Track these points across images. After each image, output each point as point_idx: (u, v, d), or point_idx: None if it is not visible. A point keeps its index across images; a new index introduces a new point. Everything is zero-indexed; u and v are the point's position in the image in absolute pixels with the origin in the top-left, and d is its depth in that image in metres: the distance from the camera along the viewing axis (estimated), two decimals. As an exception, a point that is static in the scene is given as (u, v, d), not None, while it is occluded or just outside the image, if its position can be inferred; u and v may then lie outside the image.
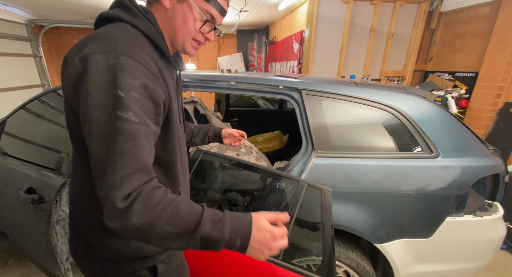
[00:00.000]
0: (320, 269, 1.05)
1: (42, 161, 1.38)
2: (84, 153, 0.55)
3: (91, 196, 0.61)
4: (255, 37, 5.75)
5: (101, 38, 0.54)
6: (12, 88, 3.95)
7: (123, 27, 0.58)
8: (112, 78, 0.49)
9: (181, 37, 0.67)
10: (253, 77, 1.38)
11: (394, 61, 3.55)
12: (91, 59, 0.50)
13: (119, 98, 0.49)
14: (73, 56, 0.54)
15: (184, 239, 0.49)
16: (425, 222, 1.23)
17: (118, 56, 0.51)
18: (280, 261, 1.04)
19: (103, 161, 0.48)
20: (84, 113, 0.50)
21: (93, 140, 0.49)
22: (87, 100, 0.49)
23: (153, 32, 0.62)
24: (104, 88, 0.49)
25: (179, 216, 0.49)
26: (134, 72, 0.52)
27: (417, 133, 1.23)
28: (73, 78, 0.52)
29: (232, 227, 0.51)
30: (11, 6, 3.80)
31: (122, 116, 0.49)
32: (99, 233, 0.65)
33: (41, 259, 1.40)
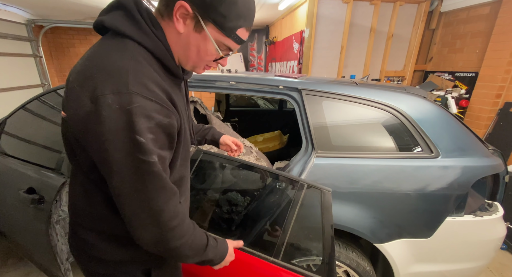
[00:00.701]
0: (320, 269, 1.05)
1: (42, 161, 1.38)
2: (89, 164, 0.57)
3: (96, 204, 0.64)
4: (255, 37, 5.75)
5: (107, 72, 0.50)
6: (12, 88, 3.95)
7: (129, 50, 0.53)
8: (127, 122, 0.48)
9: (193, 63, 0.64)
10: (253, 77, 1.38)
11: (394, 61, 3.56)
12: (103, 101, 0.48)
13: (138, 143, 0.49)
14: (78, 90, 0.51)
15: (191, 259, 0.65)
16: (425, 222, 1.23)
17: (131, 98, 0.48)
18: (280, 261, 1.04)
19: (134, 199, 0.53)
20: (100, 155, 0.51)
21: (115, 178, 0.51)
22: (104, 144, 0.49)
23: (162, 52, 0.58)
24: (120, 133, 0.49)
25: (195, 245, 0.64)
26: (149, 113, 0.50)
27: (417, 133, 1.23)
28: (83, 117, 0.50)
29: (221, 254, 0.73)
30: (11, 6, 3.79)
31: (146, 160, 0.51)
32: (99, 238, 0.67)
33: (41, 259, 1.40)
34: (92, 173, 0.59)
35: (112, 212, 0.63)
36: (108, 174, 0.52)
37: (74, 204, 0.69)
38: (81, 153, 0.58)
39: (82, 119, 0.51)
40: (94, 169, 0.56)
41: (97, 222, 0.66)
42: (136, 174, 0.51)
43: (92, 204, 0.64)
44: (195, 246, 0.64)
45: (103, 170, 0.53)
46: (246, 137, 1.69)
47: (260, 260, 1.05)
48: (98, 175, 0.57)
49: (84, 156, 0.57)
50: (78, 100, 0.50)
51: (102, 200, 0.63)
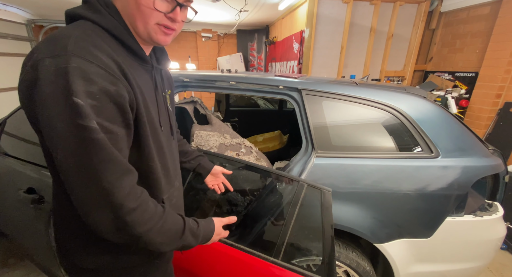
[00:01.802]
0: (320, 269, 1.05)
1: (42, 161, 1.38)
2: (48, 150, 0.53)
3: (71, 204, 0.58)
4: (255, 37, 5.75)
5: (52, 40, 0.49)
6: (12, 88, 3.95)
7: (80, 25, 0.52)
8: (64, 85, 0.45)
9: (141, 23, 0.57)
10: (253, 77, 1.38)
11: (394, 61, 3.56)
12: (41, 65, 0.46)
13: (76, 105, 0.45)
14: (26, 62, 0.49)
15: (167, 246, 0.60)
16: (425, 222, 1.23)
17: (68, 59, 0.46)
18: (280, 261, 1.04)
19: (80, 172, 0.48)
20: (44, 126, 0.47)
21: (60, 153, 0.47)
22: (44, 112, 0.46)
23: (117, 28, 0.55)
24: (58, 97, 0.45)
25: (167, 231, 0.59)
26: (88, 75, 0.47)
27: (417, 133, 1.23)
28: (25, 87, 0.48)
29: (203, 236, 0.68)
30: (11, 6, 3.80)
31: (86, 125, 0.46)
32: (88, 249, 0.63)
33: (41, 259, 1.40)
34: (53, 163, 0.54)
35: None
36: (52, 149, 0.48)
37: (56, 212, 0.66)
38: (40, 138, 0.56)
39: (25, 89, 0.48)
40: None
41: (81, 227, 0.60)
42: (78, 145, 0.46)
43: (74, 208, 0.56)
44: (167, 232, 0.58)
45: (50, 147, 0.48)
46: (246, 137, 1.69)
47: (260, 260, 1.05)
48: None
49: (42, 141, 0.55)
50: (24, 72, 0.49)
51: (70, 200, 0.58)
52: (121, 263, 0.66)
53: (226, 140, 1.48)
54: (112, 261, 0.65)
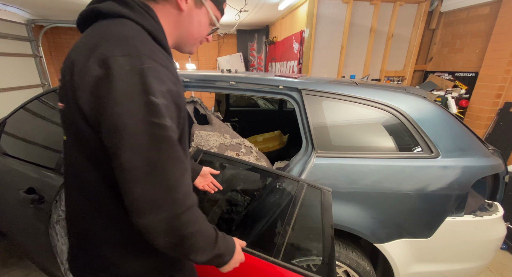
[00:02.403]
0: (320, 269, 1.05)
1: (42, 161, 1.38)
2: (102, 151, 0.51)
3: (110, 213, 0.57)
4: (255, 37, 5.75)
5: (114, 39, 0.48)
6: (12, 88, 3.95)
7: (128, 25, 0.52)
8: (141, 83, 0.46)
9: (193, 40, 0.67)
10: (253, 77, 1.38)
11: (394, 61, 3.56)
12: (113, 62, 0.45)
13: (153, 104, 0.46)
14: (83, 60, 0.47)
15: (203, 254, 0.57)
16: (425, 222, 1.23)
17: (142, 59, 0.47)
18: (280, 261, 1.04)
19: (147, 168, 0.47)
20: (111, 123, 0.46)
21: (126, 150, 0.46)
22: (115, 109, 0.45)
23: (158, 31, 0.57)
24: (133, 95, 0.45)
25: (207, 233, 0.58)
26: (160, 76, 0.48)
27: (417, 133, 1.23)
28: (92, 86, 0.46)
29: (230, 248, 0.66)
30: (11, 6, 3.80)
31: (160, 123, 0.47)
32: (119, 251, 0.60)
33: (41, 259, 1.40)
34: (105, 164, 0.53)
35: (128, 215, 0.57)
36: (117, 148, 0.46)
37: (83, 218, 0.60)
38: (90, 139, 0.52)
39: (91, 89, 0.46)
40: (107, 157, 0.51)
41: (117, 231, 0.58)
42: (150, 142, 0.47)
43: (110, 210, 0.57)
44: (207, 235, 0.57)
45: (112, 145, 0.47)
46: (246, 137, 1.69)
47: (260, 260, 1.05)
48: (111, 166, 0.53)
49: (95, 141, 0.51)
50: (85, 70, 0.47)
51: (115, 201, 0.56)
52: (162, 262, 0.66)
53: (226, 140, 1.48)
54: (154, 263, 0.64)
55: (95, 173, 0.55)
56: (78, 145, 0.55)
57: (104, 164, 0.53)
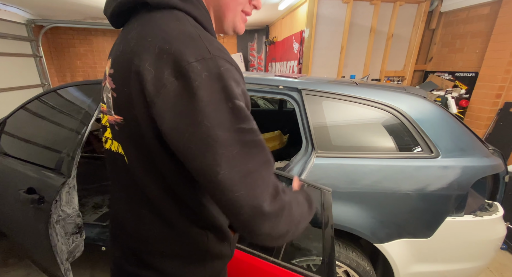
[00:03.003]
0: (320, 269, 1.05)
1: (42, 161, 1.38)
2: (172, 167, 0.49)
3: (172, 225, 0.55)
4: (255, 37, 5.75)
5: (180, 40, 0.42)
6: (12, 88, 3.95)
7: (183, 19, 0.46)
8: (222, 88, 0.41)
9: (232, 12, 0.56)
10: (253, 77, 1.38)
11: (394, 61, 3.56)
12: (190, 71, 0.40)
13: (239, 109, 0.42)
14: (152, 70, 0.41)
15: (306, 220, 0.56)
16: (425, 222, 1.23)
17: (216, 62, 0.42)
18: (280, 261, 1.04)
19: (248, 180, 0.43)
20: (202, 137, 0.41)
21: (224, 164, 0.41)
22: (204, 122, 0.40)
23: (208, 21, 0.51)
24: (218, 103, 0.41)
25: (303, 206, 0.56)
26: (235, 77, 0.44)
27: (417, 133, 1.23)
28: (169, 100, 0.41)
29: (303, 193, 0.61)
30: (11, 6, 3.80)
31: (249, 128, 0.44)
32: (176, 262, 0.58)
33: (41, 259, 1.40)
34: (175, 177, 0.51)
35: (193, 226, 0.56)
36: (210, 165, 0.41)
37: (139, 230, 0.57)
38: (158, 155, 0.48)
39: (170, 104, 0.41)
40: (177, 173, 0.50)
41: (170, 244, 0.56)
42: (244, 151, 0.42)
43: (174, 221, 0.55)
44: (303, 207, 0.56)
45: (202, 162, 0.42)
46: (246, 137, 1.68)
47: (260, 260, 1.05)
48: (180, 180, 0.51)
49: (163, 157, 0.48)
50: (160, 84, 0.41)
51: (186, 211, 0.54)
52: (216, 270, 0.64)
53: (226, 140, 1.48)
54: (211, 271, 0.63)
55: (161, 189, 0.52)
56: (142, 161, 0.51)
57: (169, 181, 0.51)
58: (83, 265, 1.86)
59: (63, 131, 1.42)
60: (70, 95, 1.54)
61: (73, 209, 1.38)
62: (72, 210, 1.38)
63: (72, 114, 1.45)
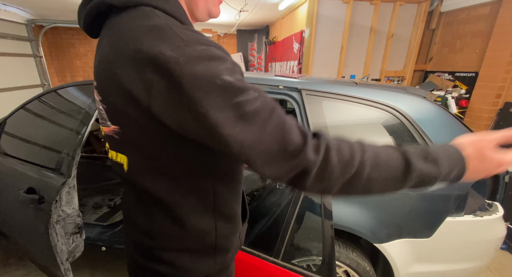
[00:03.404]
0: (320, 269, 1.05)
1: (42, 161, 1.38)
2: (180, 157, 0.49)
3: (182, 221, 0.55)
4: (255, 37, 5.75)
5: (148, 34, 0.41)
6: (12, 88, 3.95)
7: (151, 13, 0.45)
8: (203, 71, 0.40)
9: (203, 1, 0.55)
10: (253, 77, 1.38)
11: (394, 61, 3.56)
12: (167, 62, 0.39)
13: (228, 85, 0.40)
14: (133, 74, 0.41)
15: (396, 182, 0.46)
16: (425, 222, 1.23)
17: (191, 47, 0.41)
18: (280, 261, 1.04)
19: (262, 148, 0.42)
20: (204, 124, 0.41)
21: (234, 142, 0.41)
22: (199, 109, 0.40)
23: (179, 10, 0.49)
24: (205, 86, 0.39)
25: (383, 159, 0.45)
26: (215, 54, 0.42)
27: (417, 133, 1.23)
28: (162, 97, 0.41)
29: (448, 158, 0.47)
30: (11, 6, 3.80)
31: (245, 100, 0.41)
32: (187, 257, 0.59)
33: (41, 259, 1.40)
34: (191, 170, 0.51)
35: (201, 222, 0.56)
36: (224, 144, 0.41)
37: (149, 227, 0.58)
38: (165, 155, 0.49)
39: (165, 103, 0.41)
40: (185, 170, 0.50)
41: (180, 240, 0.57)
42: (248, 123, 0.41)
43: (181, 217, 0.55)
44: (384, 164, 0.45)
45: (217, 143, 0.42)
46: (246, 137, 1.68)
47: (260, 260, 1.05)
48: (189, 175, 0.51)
49: (169, 156, 0.49)
50: (144, 84, 0.41)
51: (193, 206, 0.55)
52: (225, 262, 0.65)
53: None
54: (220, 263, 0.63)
55: (168, 189, 0.53)
56: (146, 165, 0.51)
57: (177, 180, 0.52)
58: (83, 265, 1.86)
59: (63, 131, 1.42)
60: (70, 95, 1.54)
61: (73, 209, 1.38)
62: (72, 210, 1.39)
63: (72, 114, 1.45)
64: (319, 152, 0.43)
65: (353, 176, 0.44)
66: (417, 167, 0.45)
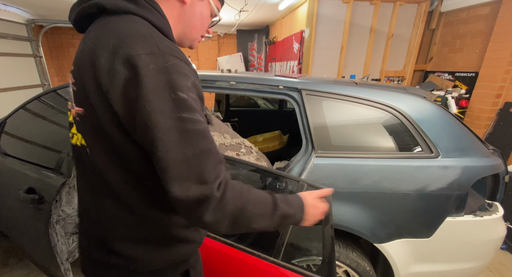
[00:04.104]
0: (320, 269, 1.05)
1: (42, 161, 1.38)
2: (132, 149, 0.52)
3: (135, 211, 0.57)
4: (255, 37, 5.75)
5: (132, 37, 0.47)
6: (12, 88, 3.95)
7: (138, 22, 0.51)
8: (168, 81, 0.46)
9: (196, 34, 0.66)
10: (253, 77, 1.38)
11: (394, 61, 3.56)
12: (139, 60, 0.45)
13: (182, 100, 0.47)
14: (106, 63, 0.47)
15: (267, 219, 0.58)
16: (425, 222, 1.23)
17: (165, 57, 0.47)
18: (280, 261, 1.04)
19: (183, 164, 0.47)
20: (144, 122, 0.46)
21: (162, 147, 0.46)
22: (146, 107, 0.45)
23: (165, 25, 0.56)
24: (161, 92, 0.46)
25: (260, 199, 0.58)
26: (184, 71, 0.49)
27: (417, 133, 1.23)
28: (120, 87, 0.46)
29: (297, 204, 0.65)
30: (11, 6, 3.80)
31: (190, 118, 0.48)
32: (140, 247, 0.60)
33: (41, 259, 1.40)
34: (131, 166, 0.54)
35: (154, 210, 0.58)
36: (153, 146, 0.47)
37: (103, 217, 0.60)
38: (118, 142, 0.52)
39: (122, 91, 0.46)
40: (138, 158, 0.53)
41: (133, 229, 0.59)
42: (182, 138, 0.47)
43: (134, 207, 0.57)
44: (261, 201, 0.58)
45: (148, 143, 0.48)
46: (246, 137, 1.69)
47: (260, 260, 1.05)
48: (142, 165, 0.54)
49: (123, 144, 0.52)
50: (112, 73, 0.46)
51: (145, 196, 0.57)
52: (182, 254, 0.67)
53: (226, 140, 1.48)
54: (176, 254, 0.65)
55: (122, 175, 0.55)
56: (103, 149, 0.54)
57: (130, 166, 0.54)
58: (83, 265, 1.86)
59: (63, 131, 1.42)
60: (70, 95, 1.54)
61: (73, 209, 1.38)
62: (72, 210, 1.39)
63: (72, 114, 1.44)
64: (220, 187, 0.51)
65: (241, 211, 0.53)
66: (280, 206, 0.60)
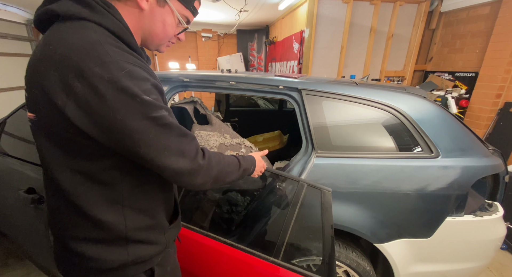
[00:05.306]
0: (320, 269, 1.05)
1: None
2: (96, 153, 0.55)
3: (88, 211, 0.58)
4: (255, 37, 5.75)
5: (81, 47, 0.47)
6: (12, 88, 3.95)
7: (90, 28, 0.51)
8: (125, 88, 0.48)
9: (158, 40, 0.66)
10: (253, 77, 1.38)
11: (394, 61, 3.56)
12: (92, 75, 0.46)
13: (147, 103, 0.51)
14: (58, 76, 0.47)
15: (235, 174, 0.76)
16: (425, 222, 1.23)
17: (118, 64, 0.48)
18: (280, 261, 1.04)
19: (165, 151, 0.55)
20: (118, 129, 0.49)
21: (143, 146, 0.52)
22: (115, 117, 0.48)
23: (122, 30, 0.56)
24: (127, 101, 0.49)
25: (230, 161, 0.75)
26: (141, 76, 0.52)
27: (417, 133, 1.23)
28: (78, 101, 0.47)
29: (251, 161, 0.85)
30: (11, 6, 3.80)
31: (159, 116, 0.53)
32: (93, 247, 0.61)
33: (41, 259, 1.40)
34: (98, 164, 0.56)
35: (107, 214, 0.59)
36: (133, 145, 0.52)
37: (60, 217, 0.62)
38: (76, 145, 0.53)
39: (78, 104, 0.47)
40: (95, 163, 0.55)
41: (85, 230, 0.60)
42: (158, 133, 0.53)
43: (87, 209, 0.58)
44: (231, 163, 0.75)
45: (124, 144, 0.52)
46: (246, 137, 1.69)
47: (260, 260, 1.05)
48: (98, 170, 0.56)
49: (81, 147, 0.53)
50: (68, 89, 0.47)
51: (99, 199, 0.58)
52: (142, 255, 0.66)
53: (226, 140, 1.48)
54: (134, 255, 0.64)
55: (73, 179, 0.56)
56: (53, 152, 0.55)
57: (83, 167, 0.56)
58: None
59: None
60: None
61: (73, 209, 1.37)
62: (72, 210, 1.38)
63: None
64: (205, 156, 0.64)
65: (220, 172, 0.68)
66: (242, 164, 0.79)
